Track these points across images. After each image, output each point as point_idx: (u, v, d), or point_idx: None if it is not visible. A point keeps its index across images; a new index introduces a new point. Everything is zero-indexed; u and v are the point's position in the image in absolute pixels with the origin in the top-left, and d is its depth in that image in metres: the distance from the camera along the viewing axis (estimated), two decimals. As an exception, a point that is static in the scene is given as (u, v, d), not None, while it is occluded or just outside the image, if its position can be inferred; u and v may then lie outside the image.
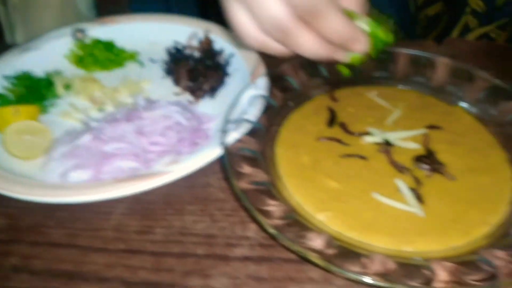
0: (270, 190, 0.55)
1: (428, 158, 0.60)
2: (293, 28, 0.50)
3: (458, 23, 1.08)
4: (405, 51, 0.74)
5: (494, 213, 0.55)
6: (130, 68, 0.86)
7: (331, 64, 0.70)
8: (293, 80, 0.72)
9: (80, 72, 0.85)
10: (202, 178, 0.64)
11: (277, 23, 0.50)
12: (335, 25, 0.50)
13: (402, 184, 0.57)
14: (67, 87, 0.81)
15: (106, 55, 0.86)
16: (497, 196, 0.57)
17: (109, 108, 0.76)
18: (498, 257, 0.48)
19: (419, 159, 0.61)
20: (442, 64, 0.73)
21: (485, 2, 1.05)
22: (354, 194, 0.57)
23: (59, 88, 0.80)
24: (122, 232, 0.58)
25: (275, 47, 0.54)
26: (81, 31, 0.89)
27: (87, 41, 0.88)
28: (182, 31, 0.89)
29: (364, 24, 0.55)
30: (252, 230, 0.57)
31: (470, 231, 0.53)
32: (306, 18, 0.50)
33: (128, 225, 0.59)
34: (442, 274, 0.46)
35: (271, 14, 0.49)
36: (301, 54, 0.54)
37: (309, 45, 0.52)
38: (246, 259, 0.54)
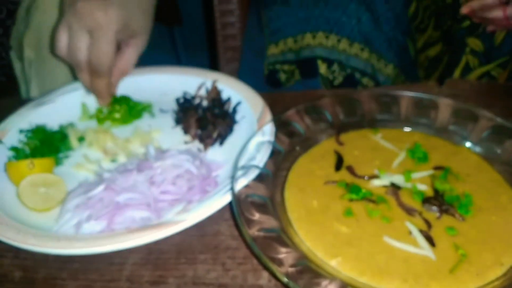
0: (281, 236, 0.56)
1: (436, 200, 0.61)
2: (82, 68, 0.83)
3: (459, 63, 1.10)
4: (408, 94, 0.76)
5: (507, 253, 0.55)
6: (141, 119, 0.88)
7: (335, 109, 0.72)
8: (299, 126, 0.73)
9: (92, 123, 0.88)
10: (213, 226, 0.64)
11: (76, 59, 0.82)
12: (100, 86, 0.84)
13: (413, 227, 0.58)
14: (81, 139, 0.83)
15: (125, 110, 0.88)
16: (509, 235, 0.57)
17: (122, 158, 0.77)
18: (514, 299, 0.48)
19: (427, 200, 0.61)
20: (445, 105, 0.74)
21: (483, 42, 1.08)
22: (365, 238, 0.57)
23: (73, 141, 0.82)
24: (136, 283, 0.59)
25: (71, 65, 0.85)
26: (94, 84, 0.92)
27: None
28: (191, 81, 0.92)
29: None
30: (264, 278, 0.57)
31: (484, 273, 0.53)
32: (90, 71, 0.83)
33: (141, 275, 0.59)
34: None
35: (76, 54, 0.81)
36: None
37: (85, 82, 0.85)
38: (259, 307, 0.54)
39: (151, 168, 0.68)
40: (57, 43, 0.83)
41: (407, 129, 0.75)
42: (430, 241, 0.56)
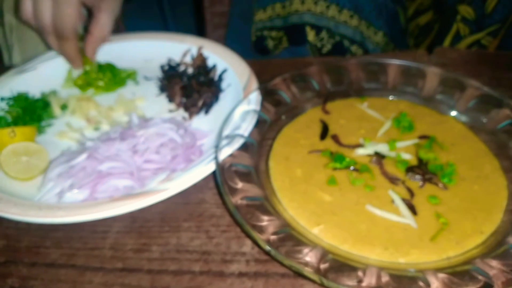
0: (264, 205, 0.56)
1: (420, 169, 0.61)
2: (48, 32, 0.81)
3: (450, 31, 1.09)
4: (395, 62, 0.75)
5: (488, 222, 0.56)
6: (125, 86, 0.87)
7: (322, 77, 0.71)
8: (285, 94, 0.72)
9: (75, 91, 0.86)
10: (197, 194, 0.64)
11: (41, 23, 0.80)
12: (68, 49, 0.83)
13: (395, 196, 0.58)
14: (63, 107, 0.82)
15: (109, 78, 0.86)
16: (490, 204, 0.58)
17: (105, 127, 0.76)
18: (493, 266, 0.48)
19: (411, 169, 0.61)
20: (432, 74, 0.73)
21: (475, 10, 1.06)
22: (348, 207, 0.57)
23: (55, 109, 0.81)
24: (119, 251, 0.59)
25: (34, 28, 0.84)
26: (77, 50, 0.89)
27: (87, 67, 0.88)
28: (176, 48, 0.90)
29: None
30: (247, 245, 0.58)
31: (464, 241, 0.53)
32: (56, 34, 0.81)
33: (124, 243, 0.59)
34: (437, 285, 0.46)
35: (41, 16, 0.80)
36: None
37: (52, 45, 0.84)
38: (242, 275, 0.54)
39: (134, 136, 0.67)
40: (21, 7, 0.83)
41: (394, 97, 0.74)
42: (412, 209, 0.57)
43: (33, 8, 0.81)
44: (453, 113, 0.71)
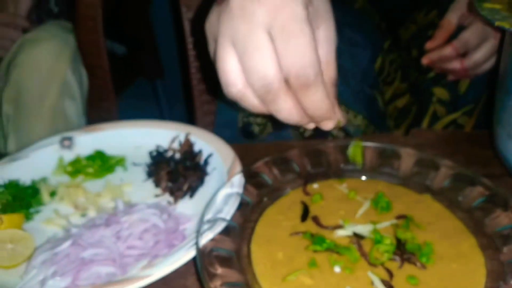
0: (244, 290, 0.56)
1: (398, 249, 0.62)
2: (279, 90, 0.53)
3: (427, 112, 1.15)
4: (371, 144, 0.78)
5: (469, 302, 0.56)
6: (114, 173, 0.89)
7: (303, 160, 0.74)
8: (267, 177, 0.75)
9: (65, 178, 0.89)
10: (179, 280, 0.64)
11: (265, 81, 0.52)
12: (318, 100, 0.54)
13: (374, 277, 0.58)
14: (52, 194, 0.83)
15: (99, 165, 0.89)
16: (469, 283, 0.58)
17: (92, 213, 0.78)
18: None
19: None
20: (407, 155, 0.77)
21: (449, 91, 1.13)
22: (328, 290, 0.57)
23: (44, 196, 0.83)
24: None
25: (253, 103, 0.56)
26: (69, 139, 0.94)
27: (74, 152, 0.91)
28: (166, 134, 0.94)
29: None
30: (229, 333, 0.57)
31: (445, 323, 0.53)
32: (294, 86, 0.53)
33: (104, 333, 0.58)
34: None
35: (263, 71, 0.51)
36: (275, 115, 0.57)
37: (288, 110, 0.55)
38: None
39: (119, 222, 0.68)
40: (227, 78, 0.54)
41: (371, 178, 0.77)
42: (392, 291, 0.57)
43: (245, 67, 0.53)
44: (429, 192, 0.73)
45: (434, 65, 1.08)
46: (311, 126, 0.61)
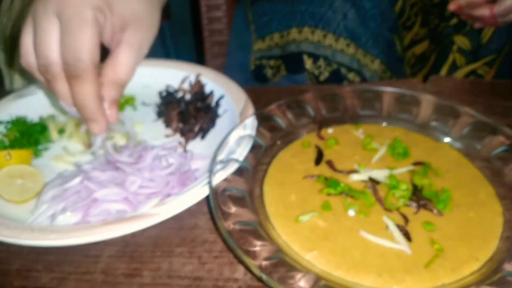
0: (257, 230, 0.55)
1: (414, 195, 0.61)
2: (57, 73, 0.60)
3: (446, 61, 1.10)
4: (390, 89, 0.76)
5: (483, 249, 0.55)
6: (123, 112, 0.87)
7: (318, 104, 0.72)
8: (281, 120, 0.73)
9: (74, 116, 0.87)
10: (190, 219, 0.64)
11: (46, 61, 0.59)
12: (85, 94, 0.60)
13: (390, 222, 0.57)
14: (61, 131, 0.82)
15: None
16: (486, 231, 0.57)
17: (101, 151, 0.76)
18: (488, 294, 0.48)
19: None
20: (427, 101, 0.74)
21: (471, 40, 1.08)
22: (342, 233, 0.57)
23: (52, 133, 0.81)
24: (110, 276, 0.58)
25: (39, 78, 0.63)
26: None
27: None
28: (175, 75, 0.91)
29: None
30: (240, 271, 0.57)
31: (459, 268, 0.52)
32: (66, 73, 0.59)
33: (116, 268, 0.59)
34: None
35: (45, 51, 0.59)
36: (56, 97, 0.63)
37: (63, 95, 0.62)
38: (233, 301, 0.53)
39: (128, 162, 0.67)
40: (22, 49, 0.61)
41: (388, 124, 0.75)
42: (407, 236, 0.56)
43: (34, 43, 0.59)
44: (448, 140, 0.71)
45: (461, 11, 1.02)
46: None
